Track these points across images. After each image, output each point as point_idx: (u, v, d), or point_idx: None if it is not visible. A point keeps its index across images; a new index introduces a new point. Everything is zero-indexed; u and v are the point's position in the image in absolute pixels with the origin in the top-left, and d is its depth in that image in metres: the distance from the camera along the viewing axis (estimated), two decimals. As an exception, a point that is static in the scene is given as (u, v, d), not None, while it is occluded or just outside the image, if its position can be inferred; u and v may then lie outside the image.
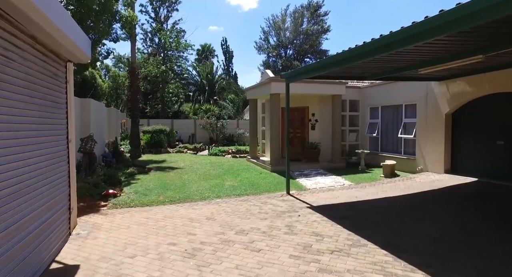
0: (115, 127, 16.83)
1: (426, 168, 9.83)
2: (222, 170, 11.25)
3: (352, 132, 13.31)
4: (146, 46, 31.12)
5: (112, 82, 32.45)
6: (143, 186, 8.33)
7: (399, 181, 8.91)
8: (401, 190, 7.82)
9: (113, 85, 31.77)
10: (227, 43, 45.51)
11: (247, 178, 9.67)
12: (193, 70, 35.45)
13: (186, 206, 6.64)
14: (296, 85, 11.28)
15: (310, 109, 12.83)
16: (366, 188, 8.34)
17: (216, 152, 15.62)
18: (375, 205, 6.64)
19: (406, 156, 10.65)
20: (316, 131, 12.66)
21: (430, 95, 9.62)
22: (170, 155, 15.45)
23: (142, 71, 22.55)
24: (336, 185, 8.76)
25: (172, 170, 11.13)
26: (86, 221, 5.46)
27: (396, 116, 11.38)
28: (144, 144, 16.74)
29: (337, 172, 10.72)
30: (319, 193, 7.89)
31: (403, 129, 10.84)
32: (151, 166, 12.12)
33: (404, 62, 6.56)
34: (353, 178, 9.64)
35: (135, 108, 16.28)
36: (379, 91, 12.12)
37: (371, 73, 7.91)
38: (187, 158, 14.42)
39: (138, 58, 29.85)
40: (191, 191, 7.91)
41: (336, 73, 7.72)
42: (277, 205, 6.69)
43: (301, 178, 9.78)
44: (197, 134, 23.21)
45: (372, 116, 12.65)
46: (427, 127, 9.74)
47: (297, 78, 7.30)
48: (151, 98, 25.17)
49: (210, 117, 22.78)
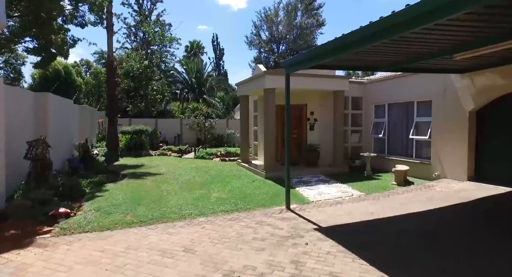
0: (90, 127, 15.13)
1: (444, 174, 8.54)
2: (209, 177, 9.74)
3: (355, 133, 11.99)
4: (130, 41, 29.32)
5: (94, 79, 30.57)
6: (110, 200, 6.76)
7: (417, 191, 7.58)
8: (423, 204, 6.48)
9: (95, 82, 29.87)
10: (218, 40, 43.99)
11: (237, 188, 8.20)
12: (181, 67, 33.71)
13: (160, 229, 5.13)
14: (292, 80, 9.87)
15: (309, 107, 11.44)
16: (380, 200, 6.98)
17: (203, 155, 14.10)
18: (401, 226, 5.26)
19: (419, 160, 9.36)
20: (315, 132, 11.28)
21: (449, 90, 8.33)
22: (152, 158, 13.86)
23: (124, 66, 20.80)
24: (343, 196, 7.38)
25: (151, 177, 9.56)
26: (7, 261, 3.88)
27: (406, 115, 10.09)
28: (123, 146, 15.08)
29: (341, 178, 9.35)
30: (326, 207, 6.49)
31: (415, 130, 9.54)
32: (126, 172, 10.52)
33: (433, 45, 5.21)
34: (361, 187, 8.29)
35: (113, 106, 14.60)
36: (385, 87, 10.81)
37: (387, 62, 6.54)
38: (170, 162, 12.85)
39: (121, 54, 28.07)
40: (168, 207, 6.39)
41: (347, 61, 6.33)
42: (277, 227, 5.25)
43: (301, 187, 8.37)
44: (183, 135, 21.63)
45: (378, 115, 11.34)
46: (445, 127, 8.45)
47: (300, 66, 5.89)
48: (133, 95, 23.41)
49: (198, 116, 21.20)
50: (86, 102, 30.51)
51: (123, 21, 26.76)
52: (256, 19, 32.13)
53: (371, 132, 11.42)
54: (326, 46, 4.86)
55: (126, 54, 26.51)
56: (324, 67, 6.95)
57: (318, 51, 5.10)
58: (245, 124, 12.44)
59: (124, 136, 15.31)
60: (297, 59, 5.70)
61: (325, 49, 4.90)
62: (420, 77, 9.26)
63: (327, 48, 4.86)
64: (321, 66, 6.91)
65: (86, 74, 32.37)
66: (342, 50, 4.62)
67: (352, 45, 4.39)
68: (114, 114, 14.68)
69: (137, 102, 23.32)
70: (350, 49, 4.49)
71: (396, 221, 5.55)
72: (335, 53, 4.78)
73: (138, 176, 9.79)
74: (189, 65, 32.25)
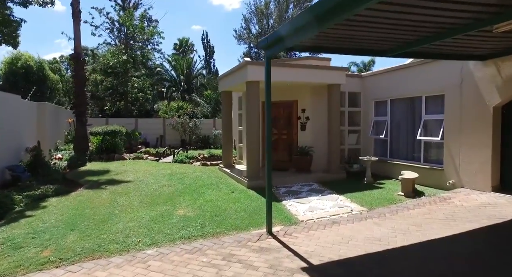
0: (55, 127, 13.46)
1: (460, 183, 7.12)
2: (181, 186, 8.21)
3: (352, 133, 10.54)
4: (114, 37, 27.57)
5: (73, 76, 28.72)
6: (34, 224, 5.18)
7: (431, 205, 6.14)
8: (444, 225, 5.03)
9: (75, 80, 28.01)
10: (208, 38, 42.45)
11: (211, 202, 6.68)
12: (168, 64, 32.02)
13: (83, 273, 3.61)
14: (280, 71, 8.41)
15: (300, 104, 9.97)
16: (386, 218, 5.52)
17: (182, 159, 12.55)
18: (422, 263, 3.79)
19: (429, 165, 7.93)
20: (307, 132, 9.81)
21: (467, 81, 6.91)
22: (124, 162, 12.27)
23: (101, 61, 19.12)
24: (341, 213, 5.91)
25: (112, 187, 7.99)
26: None
27: (412, 112, 8.67)
28: (94, 148, 13.45)
29: (337, 187, 7.89)
30: (319, 229, 5.01)
31: (424, 129, 8.12)
32: (86, 180, 8.94)
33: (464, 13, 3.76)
34: (361, 199, 6.83)
35: (80, 104, 12.99)
36: (387, 80, 9.38)
37: (393, 42, 5.09)
38: (144, 167, 11.29)
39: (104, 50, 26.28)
40: (112, 232, 4.85)
41: (342, 40, 4.86)
42: (250, 265, 3.76)
43: (289, 200, 6.88)
44: (166, 136, 20.01)
45: (378, 113, 9.91)
46: (462, 126, 7.04)
47: (282, 44, 4.39)
48: (111, 93, 21.70)
49: (182, 115, 19.61)
50: (67, 101, 28.71)
51: (106, 16, 25.15)
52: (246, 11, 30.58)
53: (371, 132, 9.99)
54: (315, 9, 3.38)
55: (108, 51, 24.81)
56: (315, 49, 5.48)
57: (304, 19, 3.61)
58: (227, 124, 10.93)
59: (95, 138, 13.69)
60: (278, 34, 4.22)
61: (314, 13, 3.41)
62: (430, 67, 7.85)
63: (317, 11, 3.37)
64: (310, 49, 5.45)
65: (67, 72, 30.49)
66: (337, 14, 3.14)
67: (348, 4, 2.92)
68: (82, 113, 13.07)
69: (115, 100, 21.60)
70: (347, 9, 3.01)
71: (415, 255, 4.08)
72: (329, 18, 3.30)
73: (98, 185, 8.20)
74: (177, 62, 30.60)
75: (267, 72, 4.94)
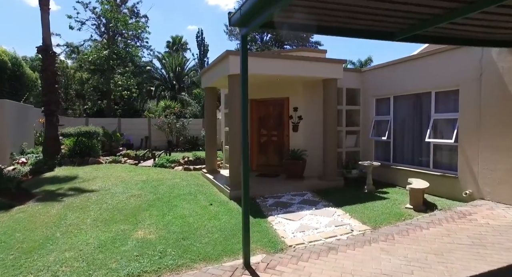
0: (15, 128, 12.17)
1: (480, 194, 6.03)
2: (152, 196, 7.03)
3: (350, 134, 9.43)
4: (100, 32, 26.26)
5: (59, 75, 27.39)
6: None
7: (448, 223, 5.03)
8: (472, 253, 3.91)
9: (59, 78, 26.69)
10: (203, 36, 41.31)
11: (182, 218, 5.51)
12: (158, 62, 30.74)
13: None
14: (268, 64, 7.28)
15: (291, 101, 8.85)
16: (396, 241, 4.40)
17: (163, 163, 11.36)
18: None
19: (440, 172, 6.84)
20: (300, 134, 8.69)
21: (488, 73, 5.83)
22: (99, 167, 11.04)
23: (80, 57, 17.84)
24: (339, 234, 4.78)
25: (69, 199, 6.79)
26: None
27: (419, 110, 7.58)
28: (67, 151, 12.20)
29: (334, 198, 6.77)
30: (311, 260, 3.88)
31: (433, 130, 7.04)
32: (44, 189, 7.73)
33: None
34: (363, 213, 5.71)
35: (50, 102, 11.74)
36: (390, 74, 8.29)
37: (412, 20, 3.97)
38: (118, 172, 10.07)
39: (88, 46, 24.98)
40: (34, 269, 3.66)
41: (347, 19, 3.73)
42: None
43: (277, 215, 5.74)
44: (152, 137, 18.79)
45: (380, 111, 8.82)
46: (482, 126, 5.95)
47: (263, 16, 3.23)
48: (92, 91, 20.40)
49: (169, 115, 18.41)
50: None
51: (91, 11, 23.86)
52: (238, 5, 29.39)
53: (371, 133, 8.90)
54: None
55: (95, 48, 23.54)
56: (309, 28, 4.36)
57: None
58: (211, 124, 9.76)
59: (69, 140, 12.43)
60: (255, 1, 3.09)
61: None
62: (442, 58, 6.76)
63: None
64: (304, 28, 4.34)
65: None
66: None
67: None
68: (53, 112, 11.82)
69: (97, 99, 20.31)
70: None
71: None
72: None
73: (53, 197, 6.99)
74: (167, 60, 29.34)
75: (244, 56, 3.82)
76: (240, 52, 3.81)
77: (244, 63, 3.83)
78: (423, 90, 7.33)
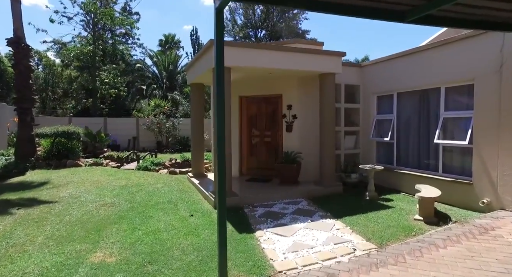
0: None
1: (499, 203, 5.27)
2: (127, 205, 6.19)
3: (349, 135, 8.65)
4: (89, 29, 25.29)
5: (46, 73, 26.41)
6: None
7: (468, 240, 4.24)
8: (505, 283, 3.13)
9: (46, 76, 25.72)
10: (197, 34, 40.47)
11: (154, 234, 4.68)
12: (150, 61, 29.80)
13: None
14: (258, 55, 6.46)
15: (285, 99, 8.05)
16: (408, 264, 3.61)
17: (147, 165, 10.49)
18: None
19: (452, 177, 6.08)
20: (294, 134, 7.89)
21: (511, 63, 5.06)
22: (76, 170, 10.15)
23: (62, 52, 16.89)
24: (339, 254, 3.98)
25: (27, 210, 5.91)
26: None
27: (427, 108, 6.82)
28: (43, 153, 11.29)
29: (332, 206, 5.98)
30: (305, 295, 3.06)
31: (443, 131, 6.27)
32: (1, 198, 6.84)
33: None
34: (366, 226, 4.93)
35: (24, 99, 10.84)
36: (394, 69, 7.52)
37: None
38: (96, 176, 9.21)
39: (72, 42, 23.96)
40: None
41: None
42: None
43: (266, 228, 4.92)
44: (140, 137, 17.89)
45: (382, 110, 8.05)
46: (502, 126, 5.19)
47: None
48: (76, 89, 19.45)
49: (158, 115, 17.53)
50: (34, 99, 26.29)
51: (80, 6, 22.89)
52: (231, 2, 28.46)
53: (373, 133, 8.13)
54: None
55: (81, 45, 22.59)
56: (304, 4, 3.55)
57: None
58: (197, 123, 8.93)
59: (46, 141, 11.52)
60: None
61: None
62: (454, 49, 6.00)
63: None
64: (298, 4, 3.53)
65: (38, 67, 28.04)
66: None
67: None
68: (26, 111, 10.92)
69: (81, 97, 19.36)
70: None
71: None
72: None
73: (7, 207, 6.09)
74: (159, 58, 28.40)
75: (218, 37, 3.01)
76: (214, 31, 3.00)
77: (219, 45, 3.03)
78: (431, 85, 6.56)
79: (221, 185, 3.17)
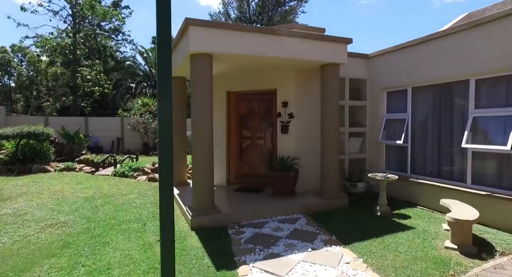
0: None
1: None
2: (81, 226, 4.96)
3: (355, 137, 7.47)
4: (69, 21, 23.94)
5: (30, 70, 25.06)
6: None
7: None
8: None
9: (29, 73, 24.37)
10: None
11: (100, 273, 3.45)
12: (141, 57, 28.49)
13: None
14: (247, 40, 5.24)
15: (280, 95, 6.85)
16: None
17: (124, 171, 9.25)
18: None
19: (486, 190, 4.91)
20: (290, 136, 6.69)
21: None
22: (41, 177, 8.89)
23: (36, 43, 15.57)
24: (354, 312, 2.78)
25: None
26: None
27: (450, 106, 5.66)
28: (6, 156, 10.01)
29: (338, 227, 4.80)
30: None
31: (472, 133, 5.11)
32: None
33: None
34: (383, 257, 3.75)
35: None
36: (407, 59, 6.35)
37: None
38: (61, 185, 7.95)
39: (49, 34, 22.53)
40: None
41: None
42: None
43: (253, 261, 3.70)
44: (125, 139, 16.63)
45: (393, 108, 6.88)
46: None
47: None
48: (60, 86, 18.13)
49: (144, 114, 16.27)
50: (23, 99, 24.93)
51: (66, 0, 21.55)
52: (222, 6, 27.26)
53: (382, 135, 6.96)
54: None
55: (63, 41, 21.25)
56: None
57: None
58: (179, 124, 7.70)
59: (10, 143, 10.24)
60: None
61: None
62: (485, 32, 4.84)
63: None
64: None
65: (22, 64, 26.64)
66: None
67: None
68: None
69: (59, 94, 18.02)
70: None
71: None
72: None
73: None
74: (150, 54, 27.12)
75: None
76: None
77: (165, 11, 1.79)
78: (456, 77, 5.40)
79: (166, 211, 1.93)
